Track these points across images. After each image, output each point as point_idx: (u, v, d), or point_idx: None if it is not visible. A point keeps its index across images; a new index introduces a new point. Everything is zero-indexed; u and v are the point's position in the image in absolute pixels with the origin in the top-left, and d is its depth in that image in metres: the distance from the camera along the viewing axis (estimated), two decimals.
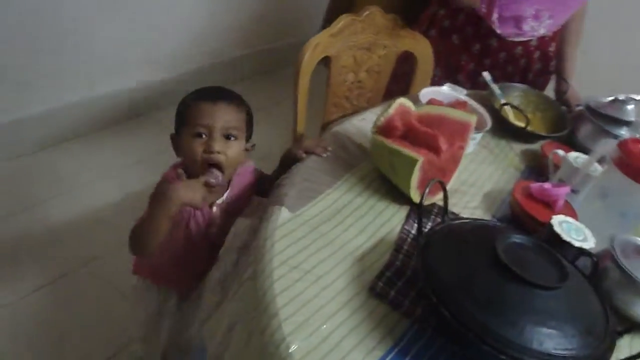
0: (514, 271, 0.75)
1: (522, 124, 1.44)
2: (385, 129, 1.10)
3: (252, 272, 0.87)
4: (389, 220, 1.04)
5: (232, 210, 1.17)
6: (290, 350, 0.74)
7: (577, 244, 0.97)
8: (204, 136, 1.06)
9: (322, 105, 1.53)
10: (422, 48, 1.61)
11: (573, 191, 1.21)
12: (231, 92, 1.13)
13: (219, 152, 1.05)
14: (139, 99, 2.44)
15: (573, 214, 1.13)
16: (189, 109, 1.07)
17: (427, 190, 0.86)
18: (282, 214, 0.97)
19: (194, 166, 1.07)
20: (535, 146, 1.44)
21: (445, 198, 0.93)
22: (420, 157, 1.02)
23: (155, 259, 1.14)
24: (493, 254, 0.78)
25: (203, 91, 1.11)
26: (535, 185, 1.15)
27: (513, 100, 1.56)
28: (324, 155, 1.15)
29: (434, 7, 1.72)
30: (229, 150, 1.07)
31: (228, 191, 1.15)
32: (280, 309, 0.80)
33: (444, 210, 0.93)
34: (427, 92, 1.40)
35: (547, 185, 1.15)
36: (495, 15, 1.49)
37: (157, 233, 1.00)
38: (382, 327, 0.82)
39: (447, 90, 1.42)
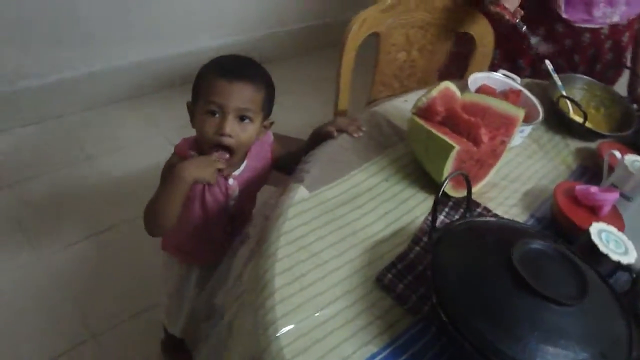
0: (525, 280, 0.69)
1: (580, 119, 1.33)
2: (425, 112, 1.04)
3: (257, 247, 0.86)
4: (412, 210, 0.99)
5: (250, 182, 1.15)
6: (277, 334, 0.73)
7: (615, 257, 0.89)
8: (216, 115, 1.01)
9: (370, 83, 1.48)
10: (481, 29, 1.51)
11: (625, 198, 1.11)
12: (252, 68, 1.07)
13: (230, 136, 1.01)
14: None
15: (620, 224, 1.04)
16: (204, 82, 1.03)
17: (446, 182, 0.81)
18: (300, 192, 0.95)
19: (203, 144, 1.05)
20: (594, 145, 1.33)
21: (469, 192, 0.87)
22: (457, 145, 0.96)
23: (175, 234, 1.15)
24: (507, 259, 0.72)
25: (223, 63, 1.05)
26: (580, 187, 1.06)
27: (576, 93, 1.44)
28: (356, 135, 1.11)
29: None
30: (242, 133, 1.03)
31: (245, 163, 1.13)
32: (278, 289, 0.79)
33: (467, 205, 0.87)
34: (479, 78, 1.31)
35: (594, 188, 1.05)
36: None
37: (170, 211, 1.01)
38: (381, 322, 0.78)
39: (500, 77, 1.33)
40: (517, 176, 1.17)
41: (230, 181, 1.12)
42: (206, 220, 1.13)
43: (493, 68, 1.46)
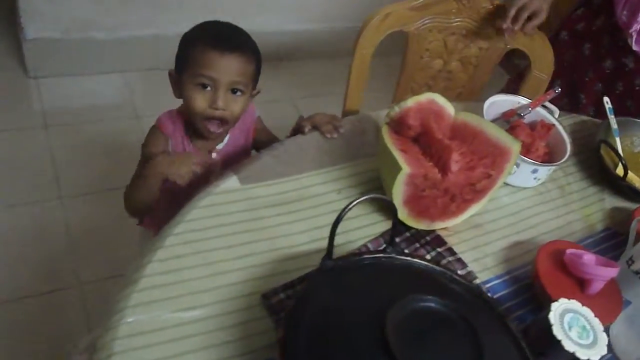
0: (392, 351, 0.55)
1: (630, 173, 1.09)
2: (398, 124, 0.90)
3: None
4: (352, 231, 0.86)
5: (232, 157, 1.11)
6: (120, 322, 0.66)
7: (570, 346, 0.70)
8: (207, 88, 0.96)
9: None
10: (538, 49, 1.30)
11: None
12: (242, 37, 1.01)
13: (223, 109, 0.97)
14: (275, 44, 2.43)
15: (613, 309, 0.82)
16: (193, 52, 0.96)
17: (352, 205, 0.67)
18: (229, 182, 0.87)
19: (194, 117, 1.00)
20: (634, 206, 1.08)
21: (394, 226, 0.72)
22: (407, 168, 0.81)
23: (155, 208, 1.13)
24: (382, 318, 0.58)
25: (213, 32, 0.99)
26: (572, 252, 0.85)
27: (635, 141, 1.18)
28: (329, 135, 0.99)
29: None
30: (235, 106, 0.99)
31: (228, 136, 1.09)
32: (146, 276, 0.72)
33: (390, 237, 0.72)
34: (507, 101, 1.12)
35: (588, 257, 0.84)
36: (636, 27, 1.12)
37: (146, 198, 1.01)
38: (247, 342, 0.68)
39: (525, 102, 1.12)
40: (514, 223, 0.98)
41: (213, 155, 1.09)
42: (187, 194, 1.09)
43: (553, 101, 1.25)
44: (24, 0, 1.82)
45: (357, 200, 0.66)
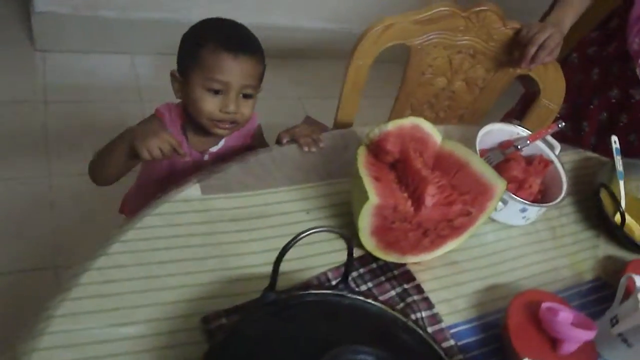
0: None
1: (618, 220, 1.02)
2: (377, 147, 0.84)
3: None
4: (314, 256, 0.80)
5: (223, 160, 1.05)
6: (42, 332, 0.62)
7: None
8: (219, 93, 0.93)
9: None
10: (551, 78, 1.23)
11: (624, 341, 0.82)
12: (251, 38, 0.97)
13: (235, 112, 0.95)
14: (287, 40, 2.38)
15: None
16: (204, 53, 0.91)
17: (304, 236, 0.61)
18: (191, 190, 0.82)
19: (200, 118, 0.96)
20: (631, 257, 1.01)
21: (348, 262, 0.66)
22: (375, 199, 0.75)
23: (137, 197, 1.12)
24: None
25: (224, 33, 0.94)
26: (549, 307, 0.78)
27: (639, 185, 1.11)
28: (306, 149, 0.94)
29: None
30: (245, 109, 0.96)
31: (223, 141, 1.05)
32: (81, 285, 0.67)
33: (344, 273, 0.67)
34: (503, 131, 1.06)
35: (565, 314, 0.77)
36: None
37: (111, 161, 0.94)
38: None
39: (524, 133, 1.05)
40: (495, 263, 0.92)
41: (205, 157, 1.05)
42: (169, 185, 1.06)
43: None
44: None
45: (307, 233, 0.60)
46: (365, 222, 0.77)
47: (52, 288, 1.47)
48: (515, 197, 0.92)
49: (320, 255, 0.80)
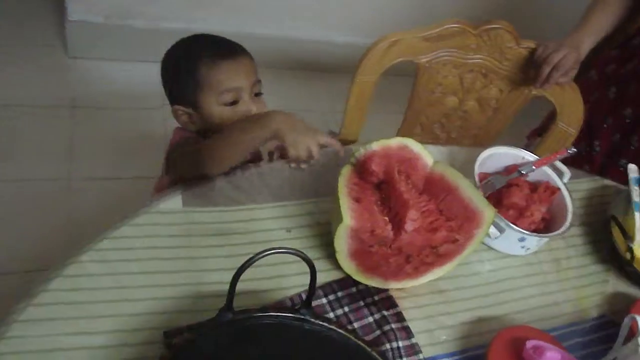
0: None
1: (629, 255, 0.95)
2: (362, 167, 0.81)
3: None
4: (290, 276, 0.78)
5: None
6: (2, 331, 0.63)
7: None
8: (235, 102, 0.91)
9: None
10: (568, 101, 1.17)
11: None
12: (232, 40, 0.96)
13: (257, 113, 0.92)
14: (316, 54, 2.38)
15: None
16: (205, 72, 0.89)
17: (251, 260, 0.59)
18: (172, 201, 0.81)
19: None
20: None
21: (310, 288, 0.63)
22: (348, 221, 0.72)
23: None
24: None
25: (210, 45, 0.93)
26: (536, 345, 0.73)
27: None
28: (292, 165, 0.92)
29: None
30: (263, 107, 0.94)
31: None
32: (48, 291, 0.68)
33: (306, 300, 0.64)
34: (508, 155, 1.01)
35: (553, 354, 0.72)
36: None
37: (239, 152, 0.82)
38: None
39: (530, 158, 1.00)
40: (487, 294, 0.87)
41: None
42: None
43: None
44: None
45: (263, 255, 0.58)
46: (342, 244, 0.74)
47: None
48: (513, 225, 0.87)
49: (296, 276, 0.78)
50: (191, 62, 0.90)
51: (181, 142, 0.94)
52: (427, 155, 0.83)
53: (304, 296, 0.76)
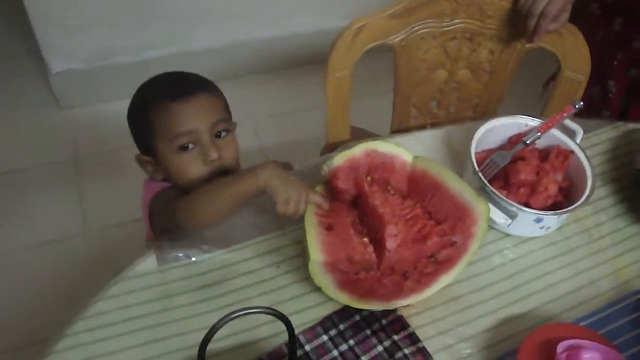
0: None
1: None
2: (329, 187, 0.73)
3: None
4: (290, 315, 0.71)
5: None
6: None
7: None
8: (191, 147, 0.81)
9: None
10: (570, 47, 1.04)
11: None
12: (192, 76, 0.87)
13: (219, 158, 0.82)
14: (316, 46, 2.26)
15: None
16: (155, 116, 0.81)
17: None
18: (146, 262, 0.75)
19: (191, 185, 0.81)
20: None
21: (290, 349, 0.56)
22: (317, 256, 0.64)
23: None
24: None
25: (162, 87, 0.85)
26: (570, 345, 0.64)
27: None
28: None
29: None
30: (228, 151, 0.84)
31: None
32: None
33: (290, 349, 0.57)
34: (509, 125, 0.90)
35: (590, 354, 0.62)
36: None
37: (225, 208, 0.76)
38: None
39: (534, 124, 0.89)
40: (508, 290, 0.77)
41: None
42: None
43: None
44: (42, 37, 1.83)
45: (229, 319, 0.52)
46: (322, 280, 0.66)
47: None
48: (525, 208, 0.77)
49: (294, 315, 0.70)
50: (143, 107, 0.84)
51: (161, 197, 0.86)
52: (404, 153, 0.74)
53: (302, 338, 0.69)
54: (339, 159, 0.70)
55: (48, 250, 1.67)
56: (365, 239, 0.68)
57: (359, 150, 0.71)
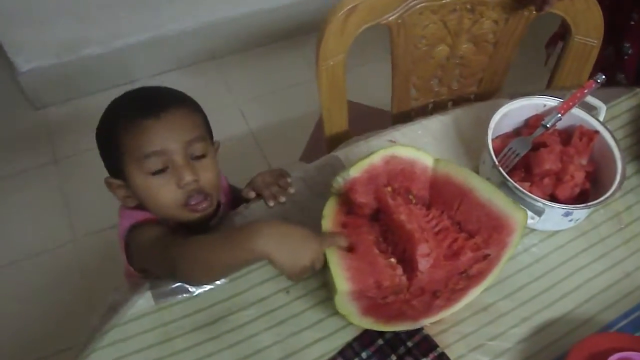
0: None
1: None
2: (347, 201, 0.65)
3: None
4: (313, 344, 0.64)
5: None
6: None
7: None
8: (163, 169, 0.71)
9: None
10: (579, 10, 0.95)
11: None
12: (167, 90, 0.77)
13: (196, 180, 0.71)
14: (296, 17, 2.14)
15: None
16: (123, 135, 0.71)
17: None
18: (141, 303, 0.68)
19: (169, 212, 0.73)
20: None
21: None
22: (344, 287, 0.57)
23: None
24: None
25: (132, 102, 0.74)
26: (623, 357, 0.58)
27: None
28: (271, 204, 0.76)
29: None
30: (206, 173, 0.73)
31: (221, 208, 0.84)
32: None
33: None
34: (526, 106, 0.82)
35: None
36: None
37: (223, 271, 0.68)
38: None
39: (554, 103, 0.80)
40: (540, 292, 0.71)
41: None
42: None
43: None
44: (4, 34, 1.70)
45: None
46: (348, 309, 0.59)
47: None
48: (552, 204, 0.70)
49: (318, 343, 0.64)
50: (110, 125, 0.74)
51: (144, 232, 0.73)
52: (424, 155, 0.66)
53: None
54: (356, 170, 0.62)
55: (37, 262, 1.59)
56: (393, 260, 0.61)
57: (377, 158, 0.63)
